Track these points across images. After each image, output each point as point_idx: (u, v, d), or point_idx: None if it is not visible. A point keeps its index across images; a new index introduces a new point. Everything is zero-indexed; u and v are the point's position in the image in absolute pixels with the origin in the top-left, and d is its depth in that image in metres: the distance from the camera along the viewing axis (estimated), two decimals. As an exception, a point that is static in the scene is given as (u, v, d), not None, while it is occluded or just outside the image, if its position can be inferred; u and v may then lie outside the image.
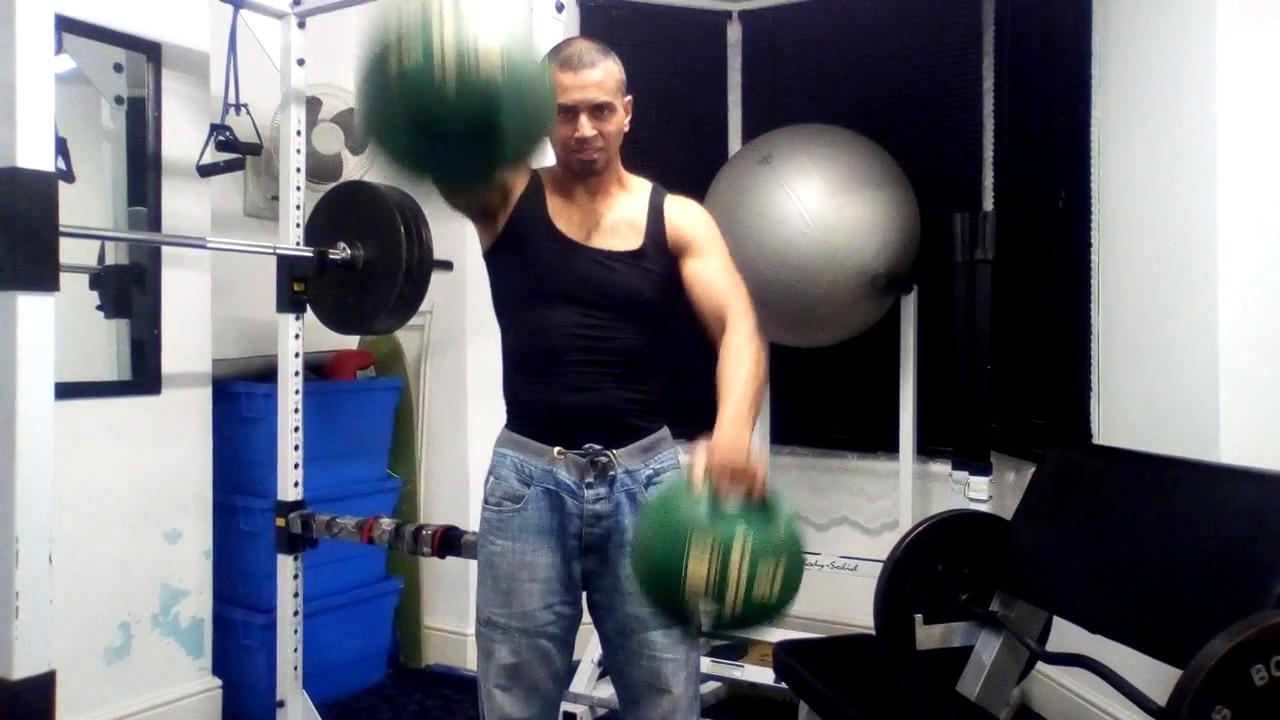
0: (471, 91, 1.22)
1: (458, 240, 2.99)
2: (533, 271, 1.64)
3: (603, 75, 1.58)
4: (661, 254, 1.67)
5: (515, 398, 1.70)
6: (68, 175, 2.53)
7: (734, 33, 3.73)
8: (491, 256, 1.70)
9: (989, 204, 3.30)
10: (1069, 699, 2.71)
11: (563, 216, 1.66)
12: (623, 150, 1.69)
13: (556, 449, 1.62)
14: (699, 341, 1.65)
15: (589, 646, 2.84)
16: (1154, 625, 1.82)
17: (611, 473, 1.62)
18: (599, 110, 1.59)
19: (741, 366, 1.52)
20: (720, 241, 1.71)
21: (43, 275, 1.48)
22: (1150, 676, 1.81)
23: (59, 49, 2.40)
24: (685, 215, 1.71)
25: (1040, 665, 2.69)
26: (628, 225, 1.67)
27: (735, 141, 3.72)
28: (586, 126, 1.58)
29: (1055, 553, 2.15)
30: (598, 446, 1.61)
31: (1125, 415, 2.53)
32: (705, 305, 1.63)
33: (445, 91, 1.20)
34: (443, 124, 1.24)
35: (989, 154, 3.32)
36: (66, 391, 1.51)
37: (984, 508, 2.70)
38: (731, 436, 1.40)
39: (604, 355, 1.62)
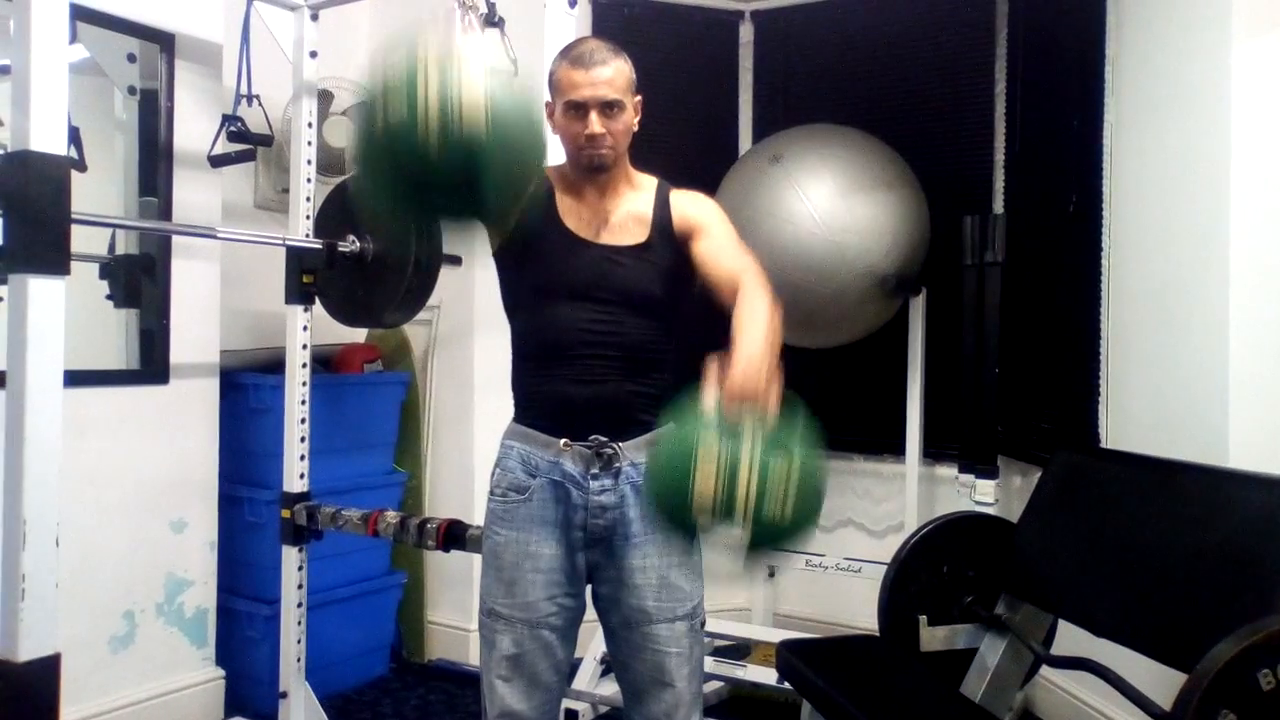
0: (454, 147, 1.24)
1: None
2: (541, 270, 1.64)
3: (613, 73, 1.59)
4: (669, 244, 1.68)
5: (523, 390, 1.71)
6: (80, 164, 2.53)
7: (746, 32, 3.73)
8: (500, 256, 1.70)
9: (999, 207, 3.29)
10: (1073, 704, 2.70)
11: (572, 214, 1.66)
12: (633, 148, 1.69)
13: (563, 440, 1.62)
14: (704, 340, 1.65)
15: (591, 644, 2.84)
16: (1160, 629, 1.81)
17: (617, 465, 1.62)
18: (609, 108, 1.59)
19: (757, 314, 1.49)
20: (728, 224, 1.71)
21: (54, 259, 1.49)
22: (1155, 681, 1.80)
23: (73, 38, 2.41)
24: (691, 202, 1.72)
25: (1044, 670, 2.67)
26: (635, 220, 1.68)
27: (745, 141, 3.72)
28: (596, 124, 1.59)
29: (1061, 556, 2.14)
30: (603, 438, 1.61)
31: (1133, 420, 2.52)
32: (719, 278, 1.61)
33: (429, 147, 1.22)
34: (427, 176, 1.26)
35: (1000, 156, 3.31)
36: (75, 379, 1.52)
37: (990, 511, 2.69)
38: (747, 360, 1.37)
39: (611, 349, 1.62)
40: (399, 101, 1.22)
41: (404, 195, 1.34)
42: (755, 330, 1.45)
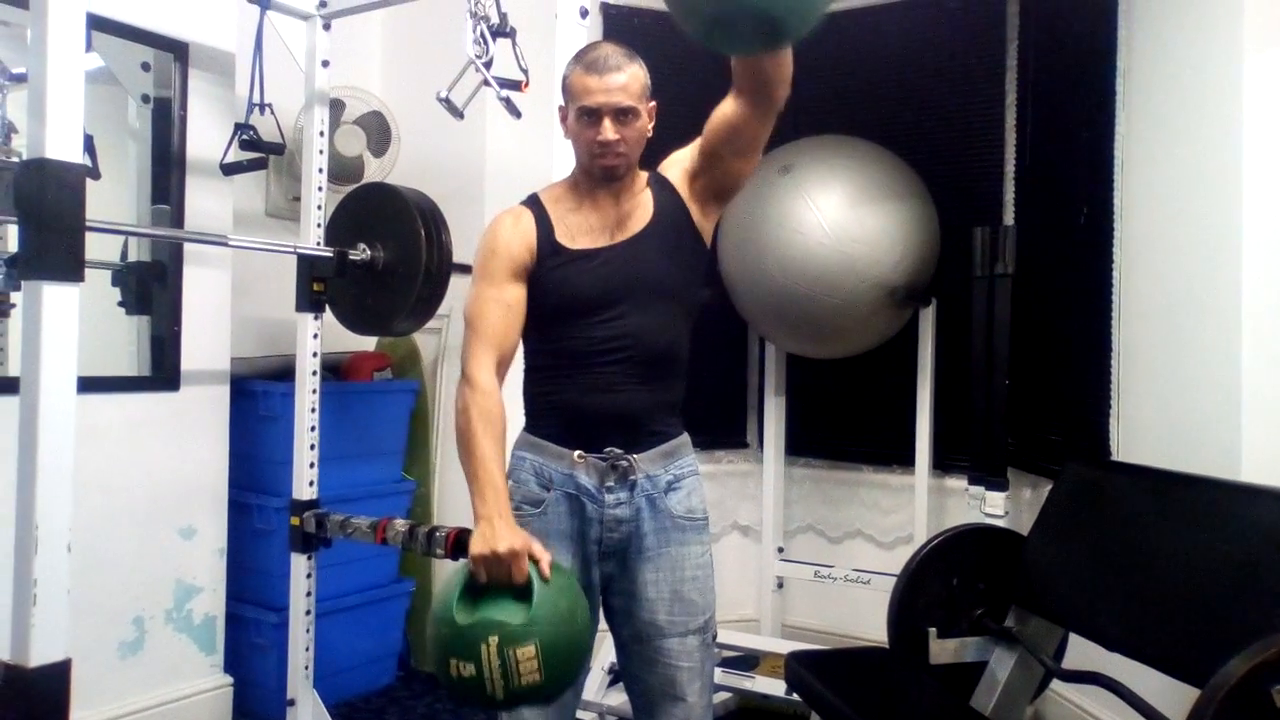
0: (516, 696, 1.40)
1: (477, 244, 3.00)
2: (555, 296, 1.63)
3: (628, 79, 1.59)
4: (676, 211, 1.67)
5: (535, 398, 1.69)
6: (94, 172, 2.54)
7: (756, 43, 3.73)
8: None
9: (1009, 218, 3.28)
10: (1083, 719, 2.68)
11: (580, 229, 1.65)
12: (643, 156, 1.69)
13: (577, 453, 1.61)
14: (711, 350, 1.65)
15: (599, 654, 2.83)
16: (1172, 644, 1.80)
17: (632, 477, 1.61)
18: (622, 114, 1.59)
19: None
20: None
21: (68, 266, 1.50)
22: (1167, 696, 1.79)
23: (88, 47, 2.43)
24: (674, 155, 1.74)
25: (1054, 684, 2.66)
26: (640, 210, 1.67)
27: (755, 151, 3.72)
28: (609, 130, 1.58)
29: (1073, 569, 2.13)
30: (618, 450, 1.61)
31: (1145, 432, 2.51)
32: (716, 121, 1.63)
33: (496, 698, 1.39)
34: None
35: (1010, 168, 3.30)
36: (86, 385, 1.53)
37: (1000, 524, 2.68)
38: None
39: (626, 354, 1.61)
40: (467, 664, 1.37)
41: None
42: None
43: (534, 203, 1.70)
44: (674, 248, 1.66)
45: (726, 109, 1.60)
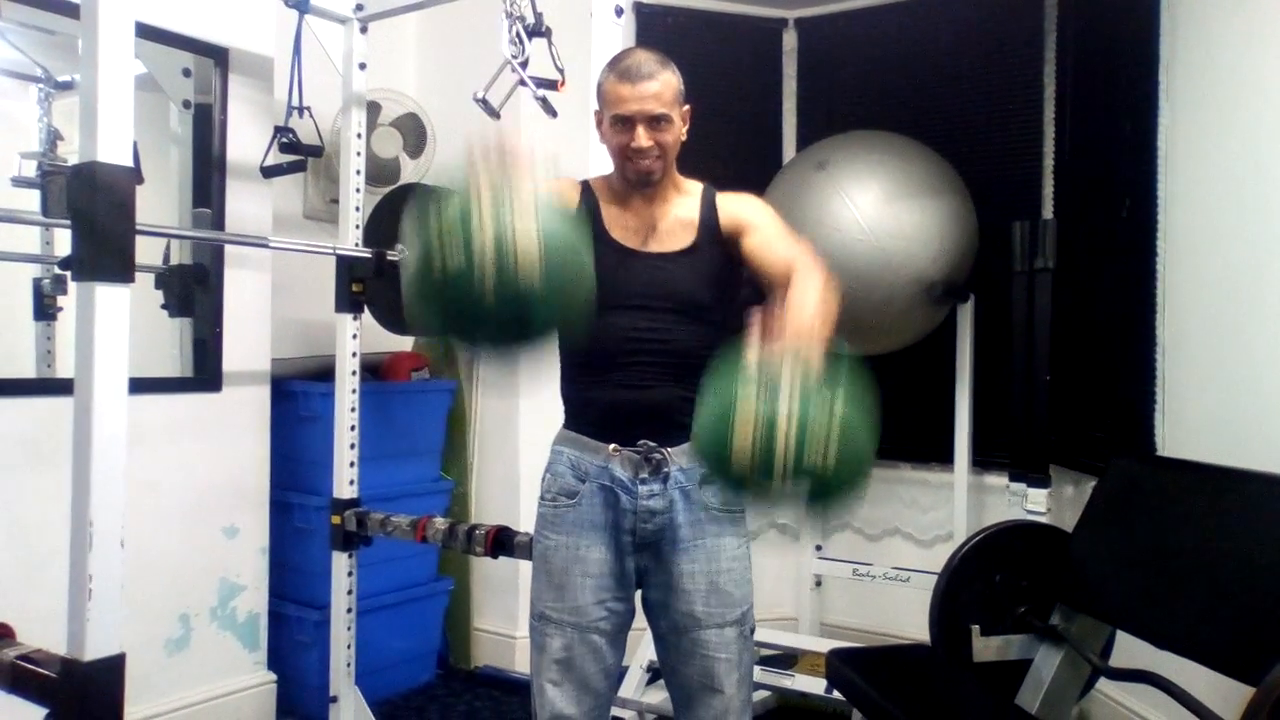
0: (509, 293, 1.26)
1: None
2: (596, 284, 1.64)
3: (661, 87, 1.60)
4: (716, 247, 1.68)
5: (572, 397, 1.72)
6: (137, 177, 2.58)
7: (789, 40, 3.73)
8: None
9: (1049, 212, 3.25)
10: (1131, 719, 2.64)
11: (619, 225, 1.68)
12: (679, 156, 1.70)
13: (611, 445, 1.63)
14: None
15: (638, 652, 2.84)
16: (1224, 641, 1.77)
17: (665, 470, 1.62)
18: (656, 122, 1.60)
19: (809, 285, 1.50)
20: (776, 218, 1.71)
21: (119, 267, 1.52)
22: (1219, 694, 1.76)
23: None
24: (738, 201, 1.72)
25: (1101, 685, 2.62)
26: (682, 226, 1.68)
27: (790, 148, 3.71)
28: (643, 138, 1.60)
29: (1120, 566, 2.09)
30: (652, 443, 1.62)
31: (1191, 427, 2.47)
32: (773, 269, 1.61)
33: (485, 292, 1.25)
34: (481, 313, 1.29)
35: (1049, 161, 3.27)
36: (132, 387, 1.55)
37: (1042, 521, 2.65)
38: (796, 314, 1.39)
39: (660, 355, 1.62)
40: (456, 247, 1.24)
41: (456, 328, 1.39)
42: (806, 294, 1.46)
43: (584, 185, 1.73)
44: (715, 274, 1.68)
45: (769, 270, 1.62)
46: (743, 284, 1.74)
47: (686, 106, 1.67)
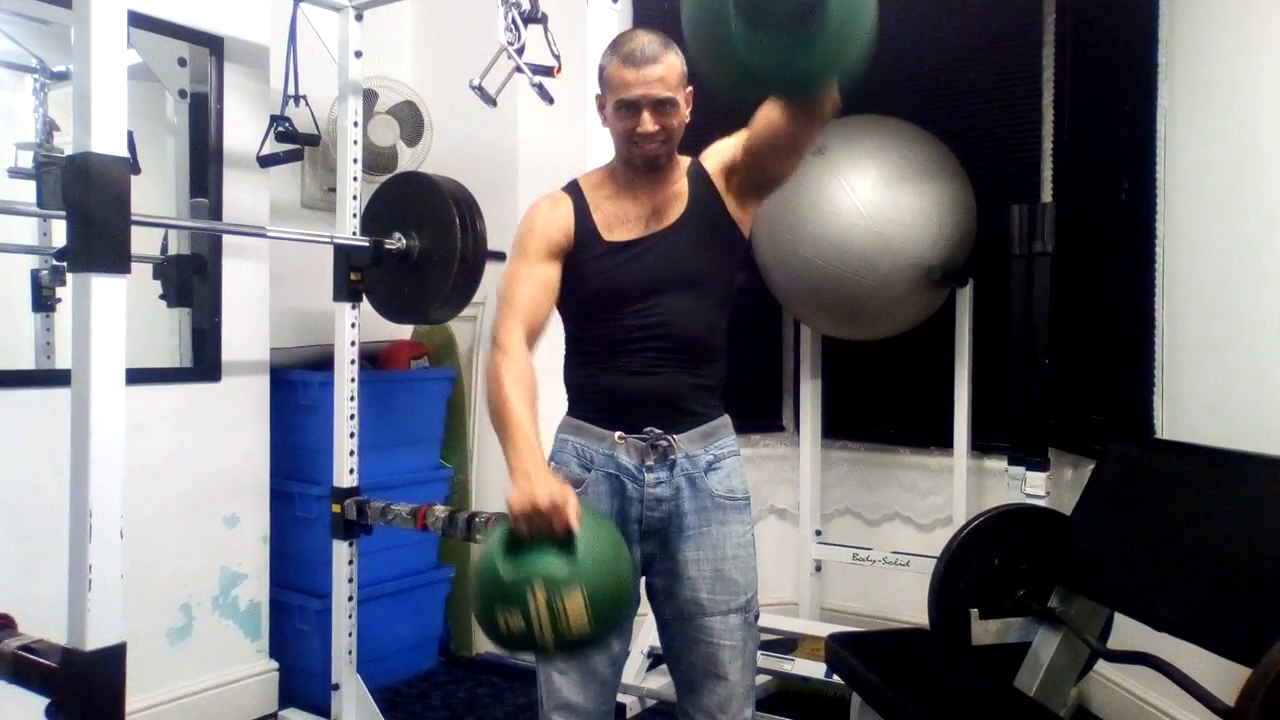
0: (567, 644, 1.37)
1: (512, 231, 3.00)
2: (594, 285, 1.64)
3: (664, 70, 1.58)
4: (712, 204, 1.66)
5: (577, 384, 1.71)
6: (134, 167, 2.57)
7: (787, 24, 3.70)
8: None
9: (1048, 195, 3.24)
10: (1129, 700, 2.66)
11: (616, 220, 1.66)
12: (682, 140, 1.68)
13: (617, 433, 1.62)
14: (746, 334, 1.63)
15: (639, 637, 2.85)
16: (1222, 623, 1.78)
17: (672, 457, 1.62)
18: (661, 106, 1.59)
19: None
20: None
21: (115, 258, 1.53)
22: (1217, 676, 1.77)
23: (127, 44, 2.46)
24: (712, 147, 1.71)
25: (1099, 667, 2.64)
26: (676, 199, 1.67)
27: (787, 133, 3.69)
28: (649, 122, 1.58)
29: (1118, 549, 2.10)
30: (658, 430, 1.61)
31: (1190, 410, 2.47)
32: (768, 123, 1.57)
33: (547, 645, 1.36)
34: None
35: (1048, 144, 3.25)
36: (131, 377, 1.55)
37: (1041, 504, 2.66)
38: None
39: (664, 340, 1.62)
40: (515, 615, 1.34)
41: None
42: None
43: (574, 189, 1.71)
44: (709, 240, 1.66)
45: (772, 113, 1.56)
46: (743, 245, 1.73)
47: (690, 88, 1.65)
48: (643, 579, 1.71)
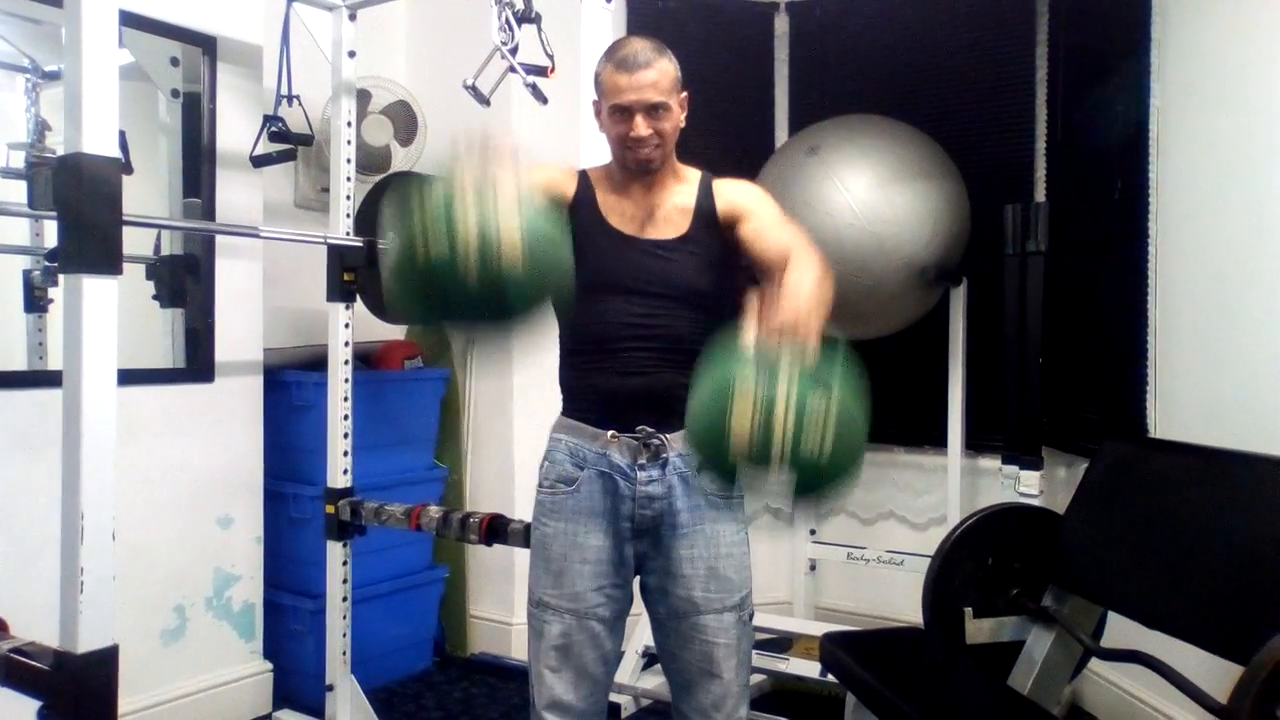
0: (491, 280, 1.29)
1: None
2: (588, 269, 1.63)
3: (658, 75, 1.60)
4: (713, 233, 1.68)
5: (570, 384, 1.72)
6: (126, 167, 2.56)
7: (781, 24, 3.71)
8: None
9: (1041, 195, 3.25)
10: (1122, 698, 2.66)
11: (615, 212, 1.68)
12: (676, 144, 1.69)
13: (610, 432, 1.63)
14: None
15: (633, 637, 2.85)
16: (1215, 621, 1.78)
17: (664, 455, 1.62)
18: (654, 110, 1.60)
19: (805, 270, 1.52)
20: (773, 204, 1.71)
21: (107, 259, 1.52)
22: (1209, 674, 1.77)
23: (119, 43, 2.46)
24: (734, 187, 1.72)
25: (1092, 665, 2.64)
26: (679, 212, 1.68)
27: (782, 133, 3.70)
28: (642, 126, 1.60)
29: (1111, 547, 2.11)
30: (650, 429, 1.62)
31: (1183, 409, 2.48)
32: (769, 255, 1.61)
33: (467, 279, 1.28)
34: (463, 299, 1.32)
35: (1041, 144, 3.26)
36: (123, 378, 1.55)
37: (1034, 503, 2.66)
38: (792, 298, 1.40)
39: (657, 341, 1.63)
40: (440, 236, 1.27)
41: (438, 313, 1.44)
42: (802, 281, 1.48)
43: (582, 174, 1.74)
44: (707, 263, 1.67)
45: (765, 256, 1.62)
46: (740, 270, 1.73)
47: (684, 93, 1.67)
48: (637, 578, 1.71)
